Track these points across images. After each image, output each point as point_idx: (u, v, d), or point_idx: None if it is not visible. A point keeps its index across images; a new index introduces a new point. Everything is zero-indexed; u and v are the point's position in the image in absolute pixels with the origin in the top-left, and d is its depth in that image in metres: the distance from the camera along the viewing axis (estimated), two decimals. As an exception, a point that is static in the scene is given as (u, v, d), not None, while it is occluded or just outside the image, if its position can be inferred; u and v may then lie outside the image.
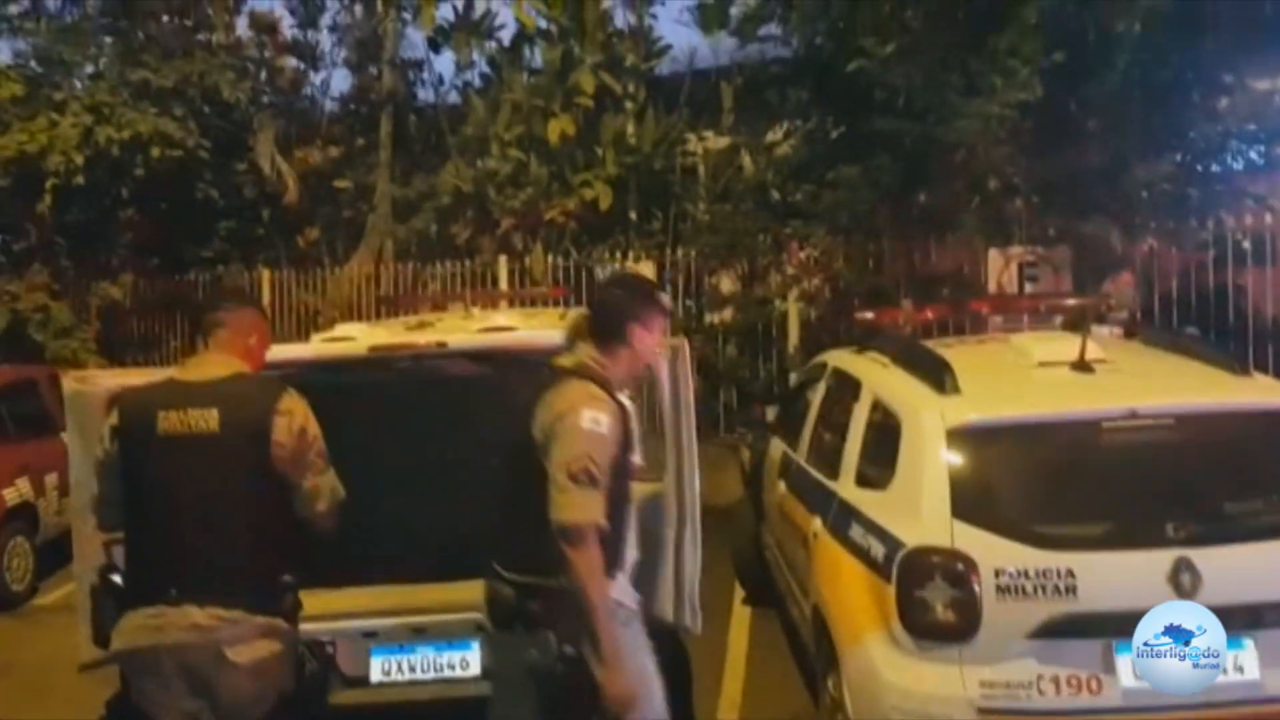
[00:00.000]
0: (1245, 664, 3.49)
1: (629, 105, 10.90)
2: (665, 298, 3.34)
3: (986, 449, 3.89)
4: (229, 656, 2.95)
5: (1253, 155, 8.49)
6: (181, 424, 3.03)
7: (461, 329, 4.93)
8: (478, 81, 12.21)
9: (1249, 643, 3.50)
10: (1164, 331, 5.23)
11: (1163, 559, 3.51)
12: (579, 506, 2.84)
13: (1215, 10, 7.59)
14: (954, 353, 4.77)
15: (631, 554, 3.16)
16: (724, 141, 10.67)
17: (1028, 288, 7.70)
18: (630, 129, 10.71)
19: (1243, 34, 7.60)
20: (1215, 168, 8.33)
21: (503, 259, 10.58)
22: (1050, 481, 3.86)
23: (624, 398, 3.12)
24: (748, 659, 5.79)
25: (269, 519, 3.07)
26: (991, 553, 3.61)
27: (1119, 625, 3.51)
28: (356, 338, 4.55)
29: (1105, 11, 7.33)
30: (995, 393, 4.22)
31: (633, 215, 10.60)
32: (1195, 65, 7.78)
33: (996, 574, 3.58)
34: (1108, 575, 3.54)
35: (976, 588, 3.59)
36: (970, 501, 3.75)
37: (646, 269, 9.67)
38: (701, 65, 11.38)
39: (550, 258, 10.30)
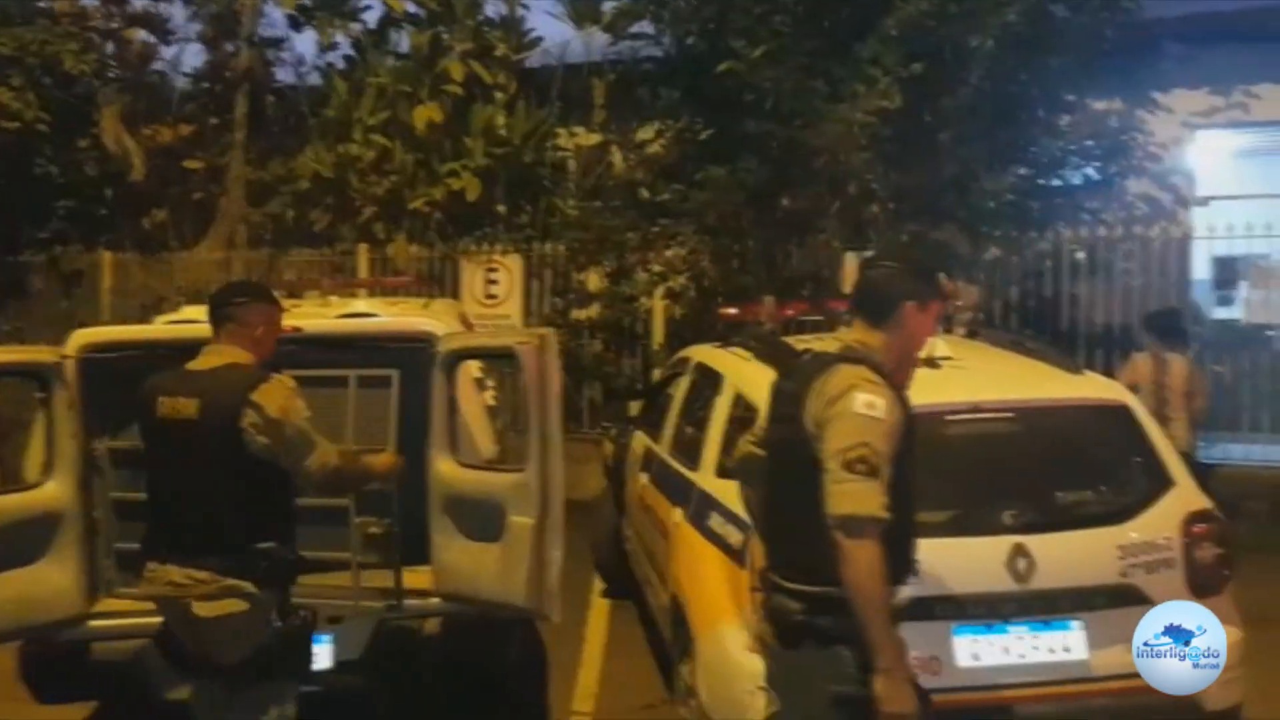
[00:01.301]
0: (1073, 645, 3.70)
1: (499, 96, 10.80)
2: (944, 279, 3.06)
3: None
4: (194, 610, 3.35)
5: (1090, 171, 8.97)
6: (171, 409, 3.41)
7: (319, 315, 4.85)
8: (341, 64, 11.90)
9: (1077, 625, 3.72)
10: (1005, 333, 5.49)
11: (1000, 545, 3.70)
12: (856, 498, 2.57)
13: (1059, 32, 8.01)
14: (812, 348, 4.92)
15: (911, 558, 2.90)
16: (595, 138, 10.69)
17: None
18: (500, 120, 10.61)
19: (1083, 56, 8.03)
20: (1056, 182, 8.77)
21: (363, 248, 10.38)
22: (897, 471, 4.01)
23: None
24: (605, 650, 5.85)
25: (243, 495, 3.40)
26: (842, 539, 3.73)
27: (958, 608, 3.70)
28: (201, 320, 4.42)
29: (961, 27, 7.65)
30: (850, 386, 4.35)
31: (501, 208, 10.52)
32: (1040, 84, 8.19)
33: (848, 560, 3.70)
34: (949, 561, 3.70)
35: (829, 573, 3.71)
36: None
37: (514, 263, 9.63)
38: (574, 60, 11.36)
39: (414, 248, 10.16)
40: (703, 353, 5.54)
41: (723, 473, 4.44)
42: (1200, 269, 11.26)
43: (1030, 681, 3.68)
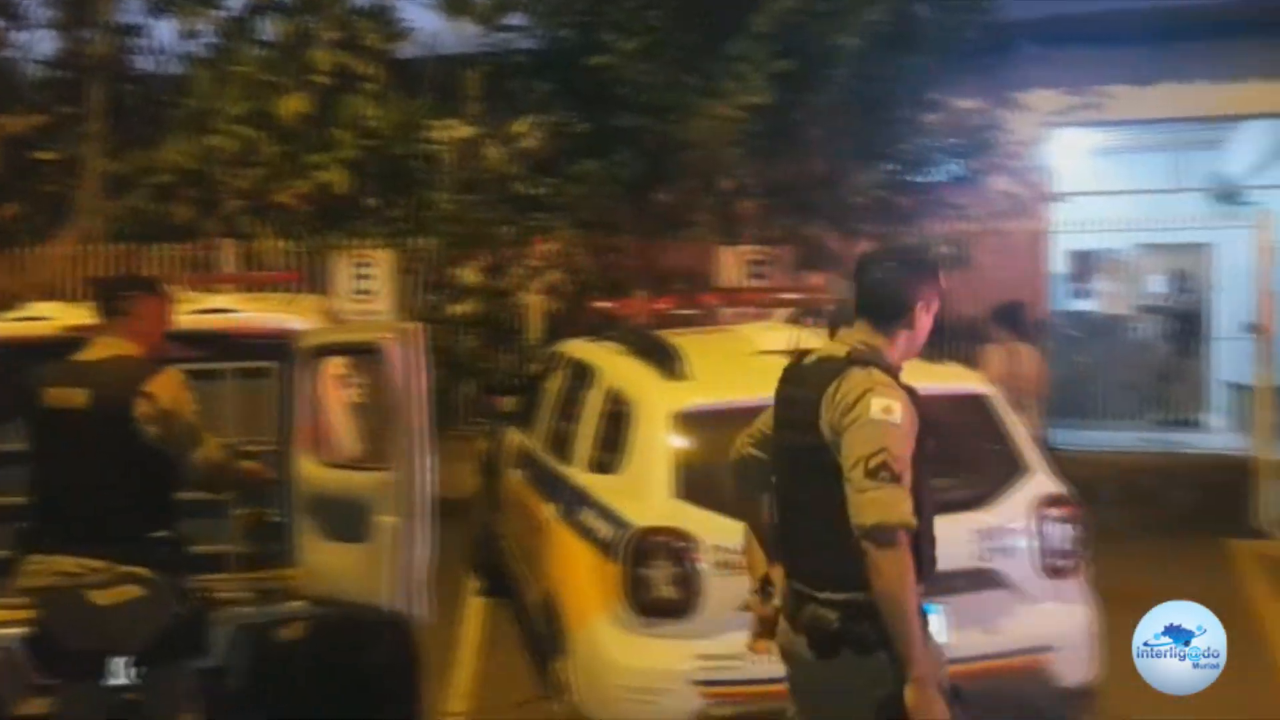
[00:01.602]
0: (934, 629, 3.78)
1: (369, 87, 10.55)
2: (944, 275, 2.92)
3: (710, 431, 4.04)
4: (91, 599, 3.39)
5: (954, 168, 9.23)
6: (60, 399, 3.46)
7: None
8: (203, 52, 11.46)
9: (938, 609, 3.79)
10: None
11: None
12: (883, 505, 2.49)
13: (922, 32, 8.21)
14: (684, 341, 4.94)
15: (934, 559, 2.81)
16: (469, 130, 10.52)
17: (755, 284, 8.06)
18: (370, 112, 10.36)
19: (946, 56, 8.25)
20: (922, 179, 8.99)
21: (228, 242, 10.03)
22: (767, 462, 4.06)
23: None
24: (480, 650, 5.79)
25: (136, 484, 3.47)
26: (712, 530, 3.77)
27: (824, 598, 3.74)
28: (52, 317, 4.25)
29: (828, 25, 7.78)
30: (719, 378, 4.39)
31: (372, 201, 10.28)
32: (906, 82, 8.38)
33: (717, 550, 3.74)
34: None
35: (698, 565, 3.74)
36: (694, 482, 3.90)
37: (385, 258, 9.42)
38: (447, 51, 11.16)
39: (281, 242, 9.86)
40: (575, 348, 5.52)
41: (595, 468, 4.43)
42: (1059, 263, 11.74)
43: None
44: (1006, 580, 3.87)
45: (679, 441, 3.99)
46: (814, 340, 4.44)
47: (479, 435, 7.21)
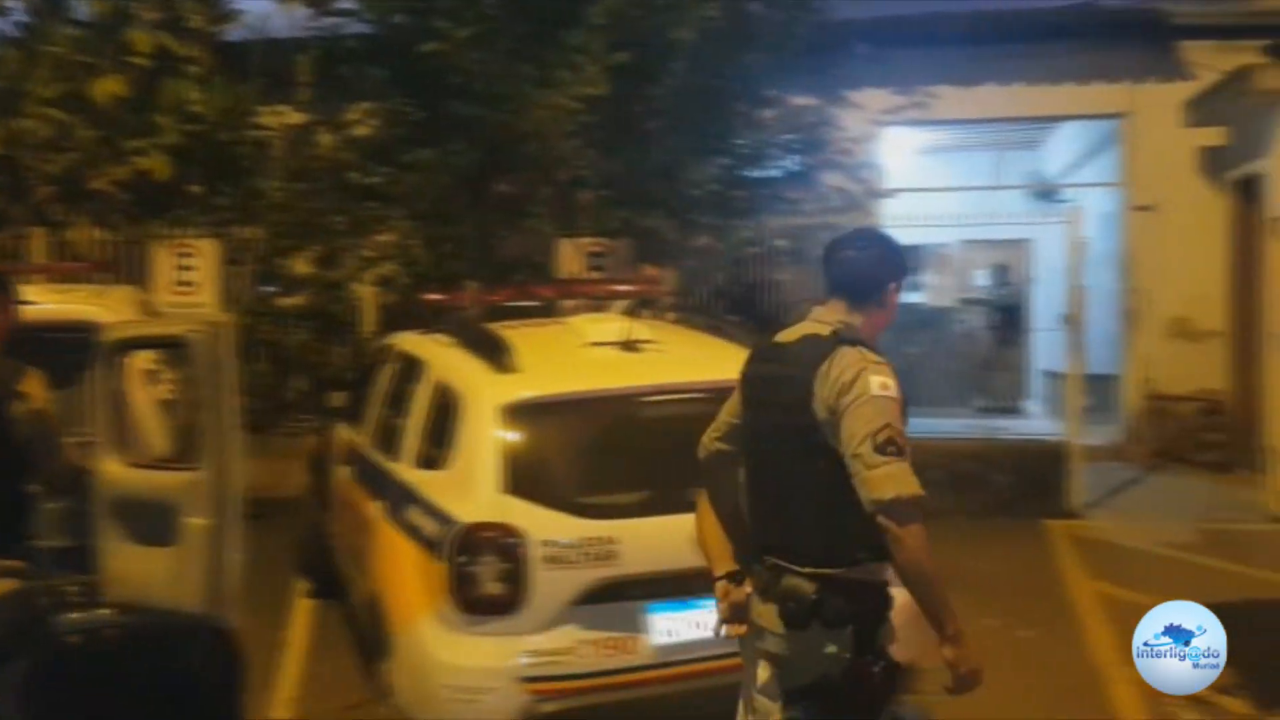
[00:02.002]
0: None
1: (193, 70, 10.06)
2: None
3: (539, 425, 4.01)
4: None
5: (789, 164, 9.42)
6: None
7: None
8: (13, 30, 10.74)
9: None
10: (704, 317, 5.66)
11: (691, 522, 3.78)
12: (898, 480, 2.50)
13: (757, 29, 8.34)
14: (516, 334, 4.87)
15: None
16: (300, 117, 10.16)
17: (595, 276, 8.04)
18: (194, 96, 9.88)
19: (780, 53, 8.40)
20: (758, 173, 9.14)
21: (39, 231, 9.45)
22: (596, 454, 4.05)
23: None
24: (308, 653, 5.60)
25: (8, 484, 3.34)
26: (540, 525, 3.73)
27: (651, 587, 3.76)
28: None
29: (664, 19, 7.81)
30: (550, 371, 4.35)
31: (195, 189, 9.82)
32: (741, 78, 8.49)
33: (545, 545, 3.70)
34: (644, 541, 3.76)
35: (525, 560, 3.69)
36: (523, 476, 3.85)
37: (209, 248, 9.00)
38: (277, 35, 10.74)
39: (97, 231, 9.34)
40: (406, 340, 5.39)
41: (423, 463, 4.33)
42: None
43: (722, 654, 3.77)
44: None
45: (508, 435, 3.93)
46: (646, 331, 4.48)
47: (308, 432, 6.98)
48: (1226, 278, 9.91)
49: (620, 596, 3.74)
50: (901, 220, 9.21)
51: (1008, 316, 12.89)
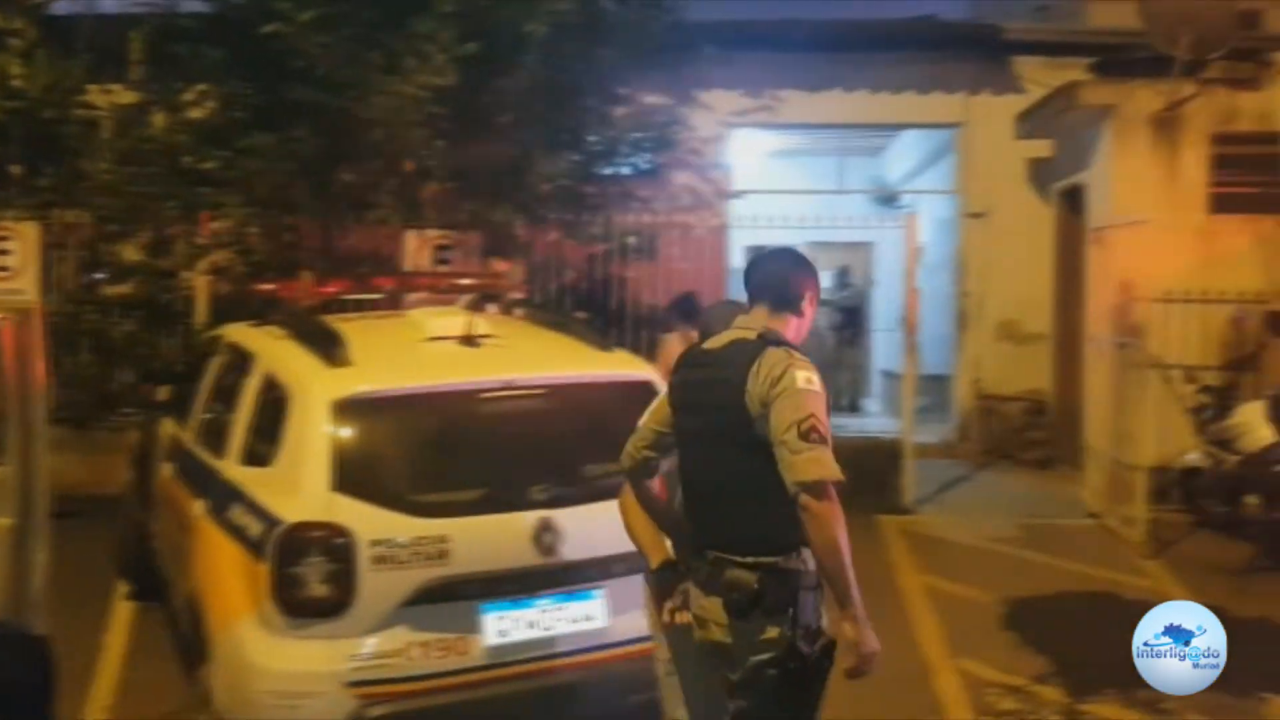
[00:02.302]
0: (595, 613, 3.83)
1: (15, 43, 9.45)
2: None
3: (373, 421, 3.90)
4: None
5: (640, 162, 9.45)
6: None
7: None
8: None
9: (599, 594, 3.85)
10: (548, 312, 5.63)
11: (527, 520, 3.75)
12: (818, 464, 2.71)
13: (609, 26, 8.33)
14: (352, 327, 4.74)
15: None
16: (130, 96, 9.66)
17: (442, 269, 7.90)
18: (15, 70, 9.28)
19: (631, 51, 8.41)
20: (609, 170, 9.14)
21: None
22: (431, 451, 3.97)
23: None
24: (126, 657, 5.34)
25: None
26: (370, 524, 3.63)
27: (485, 587, 3.71)
28: None
29: (515, 11, 7.72)
30: (385, 365, 4.24)
31: (15, 169, 9.23)
32: (593, 74, 8.46)
33: (374, 545, 3.60)
34: (478, 539, 3.70)
35: (353, 561, 3.59)
36: (354, 474, 3.74)
37: (29, 231, 8.46)
38: (107, 10, 10.20)
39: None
40: (236, 332, 5.18)
41: (249, 460, 4.16)
42: (738, 257, 12.28)
43: (555, 653, 3.77)
44: (667, 562, 3.95)
45: (337, 431, 3.80)
46: (488, 326, 4.41)
47: (132, 427, 6.65)
48: (1052, 283, 10.43)
49: (453, 596, 3.67)
50: (750, 221, 9.39)
51: (849, 317, 13.26)
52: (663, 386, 4.42)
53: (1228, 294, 8.29)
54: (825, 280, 13.87)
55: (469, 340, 4.28)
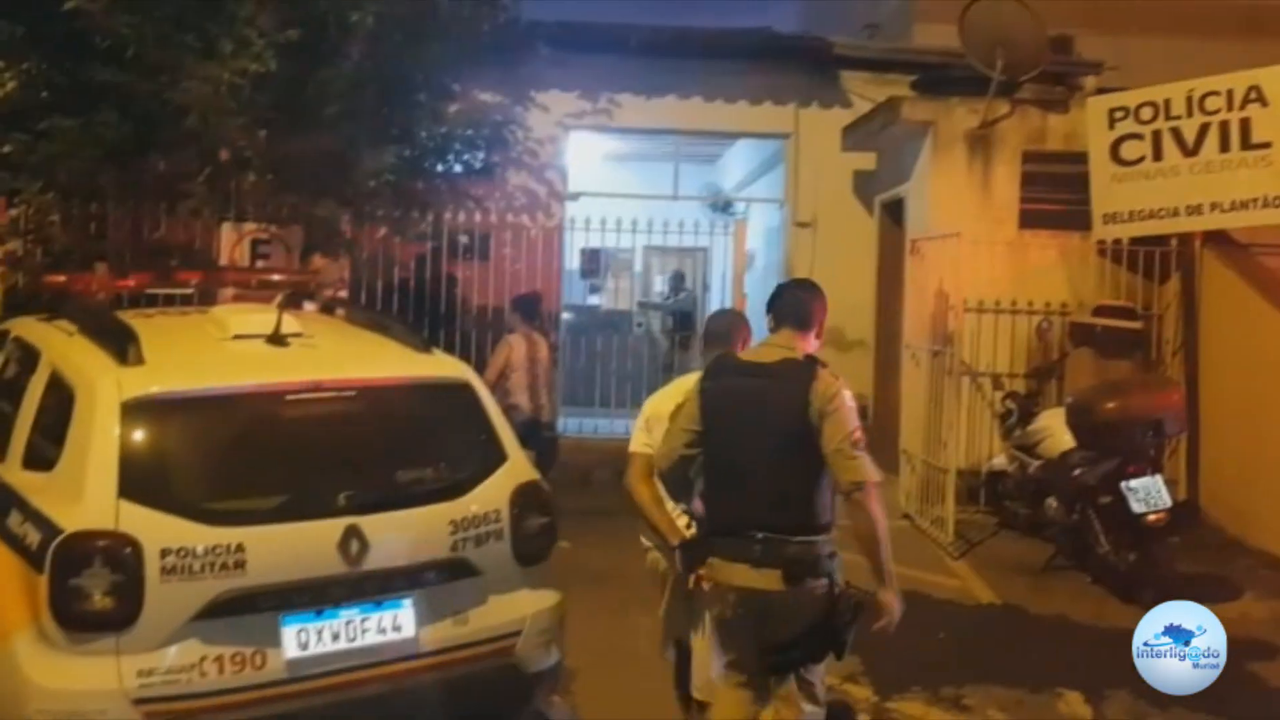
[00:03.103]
0: (403, 623, 3.71)
1: None
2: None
3: (166, 423, 3.68)
4: None
5: (473, 160, 9.31)
6: None
7: None
8: None
9: (407, 602, 3.72)
10: (364, 310, 5.45)
11: (333, 528, 3.60)
12: (867, 468, 3.49)
13: (440, 19, 8.16)
14: (149, 323, 4.51)
15: None
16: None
17: (260, 265, 7.59)
18: None
19: (464, 47, 8.26)
20: (440, 167, 8.96)
21: None
22: (231, 455, 3.77)
23: None
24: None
25: None
26: (160, 533, 3.41)
27: (286, 598, 3.54)
28: None
29: (341, 0, 7.48)
30: (182, 364, 4.01)
31: None
32: (424, 68, 8.27)
33: (163, 555, 3.39)
34: (278, 548, 3.53)
35: (140, 571, 3.37)
36: (144, 479, 3.52)
37: None
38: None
39: None
40: (23, 326, 4.82)
41: (31, 465, 3.87)
42: (573, 259, 12.27)
43: (360, 665, 3.63)
44: (478, 569, 3.87)
45: (127, 434, 3.56)
46: (297, 325, 4.21)
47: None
48: (874, 292, 10.76)
49: (251, 608, 3.49)
50: (585, 224, 9.37)
51: (682, 321, 13.40)
52: (482, 387, 4.35)
53: (1035, 305, 8.73)
54: (661, 284, 14.04)
55: (276, 339, 4.09)
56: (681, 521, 4.00)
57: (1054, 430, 7.38)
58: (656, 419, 4.09)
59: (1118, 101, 8.35)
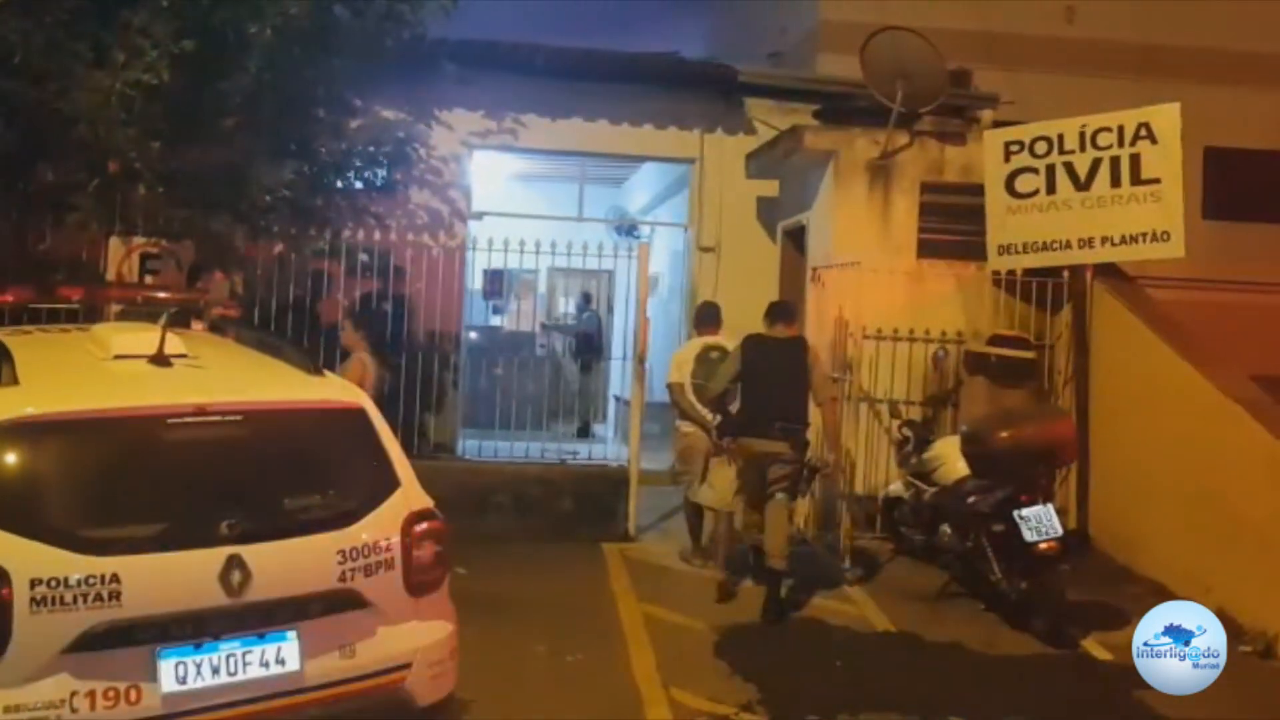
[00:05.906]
0: (287, 656, 3.58)
1: None
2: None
3: (40, 447, 3.52)
4: None
5: (374, 177, 9.13)
6: None
7: None
8: None
9: (292, 634, 3.60)
10: (255, 331, 5.28)
11: (214, 558, 3.47)
12: (836, 388, 7.47)
13: (342, 34, 8.00)
14: (25, 341, 4.33)
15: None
16: None
17: (149, 280, 7.35)
18: None
19: (366, 62, 8.11)
20: (340, 183, 8.77)
21: None
22: (107, 481, 3.61)
23: None
24: None
25: None
26: (30, 562, 3.26)
27: (164, 630, 3.40)
28: None
29: (240, 11, 7.28)
30: (59, 385, 3.85)
31: None
32: (325, 83, 8.09)
33: (33, 585, 3.24)
34: (155, 579, 3.39)
35: (8, 602, 3.20)
36: (15, 505, 3.37)
37: None
38: None
39: None
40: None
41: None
42: (476, 280, 12.15)
43: (241, 700, 3.50)
44: (367, 600, 3.77)
45: (-4, 458, 3.40)
46: (182, 345, 4.06)
47: None
48: (776, 318, 10.85)
49: (126, 641, 3.34)
50: (488, 245, 9.27)
51: (586, 343, 13.38)
52: (375, 412, 4.23)
53: (932, 334, 8.91)
54: (566, 306, 13.99)
55: (159, 359, 3.94)
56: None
57: (949, 458, 7.50)
58: (681, 362, 7.87)
59: (1013, 135, 8.60)
